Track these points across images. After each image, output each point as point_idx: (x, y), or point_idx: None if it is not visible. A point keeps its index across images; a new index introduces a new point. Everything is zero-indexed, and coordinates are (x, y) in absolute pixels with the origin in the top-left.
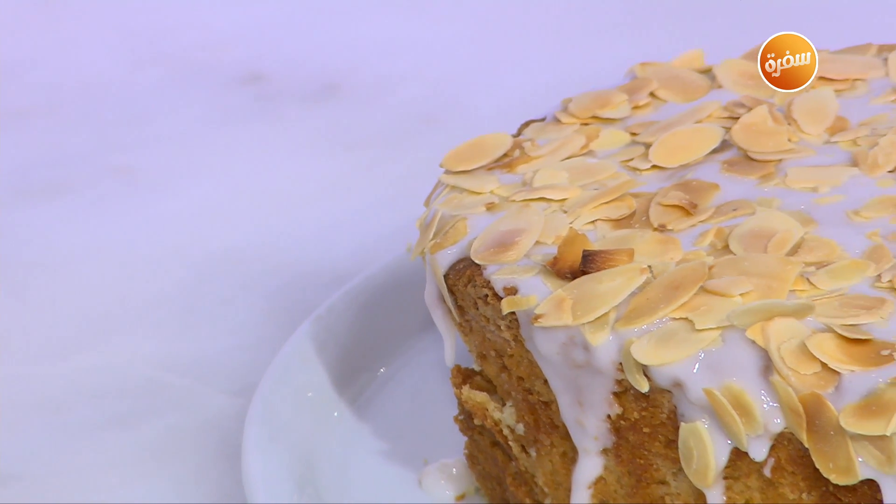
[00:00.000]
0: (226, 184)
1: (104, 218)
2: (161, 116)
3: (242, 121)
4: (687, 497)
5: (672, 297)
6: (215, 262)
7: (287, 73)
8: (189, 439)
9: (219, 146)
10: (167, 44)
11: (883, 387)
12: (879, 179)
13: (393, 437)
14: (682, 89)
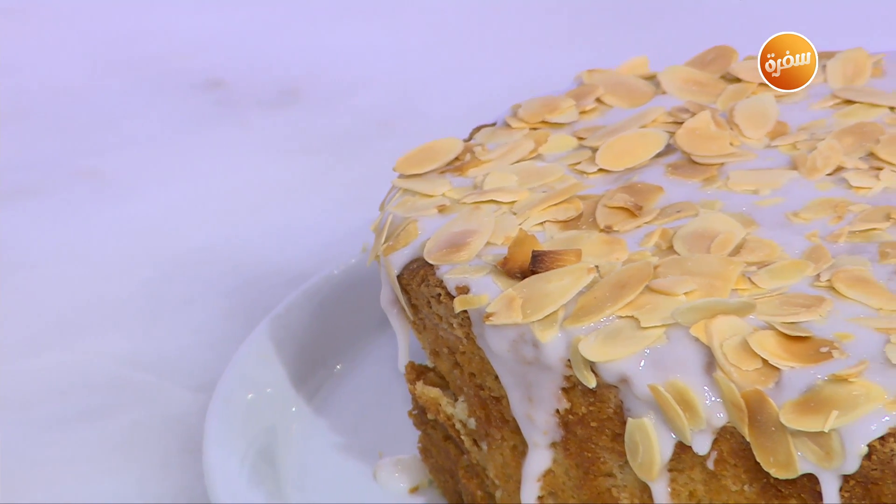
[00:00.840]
0: (189, 187)
1: (72, 220)
2: (127, 121)
3: (205, 126)
4: (633, 489)
5: (618, 295)
6: (178, 262)
7: (247, 80)
8: (153, 433)
9: (182, 150)
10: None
11: (821, 383)
12: (818, 182)
13: (349, 431)
14: (627, 95)
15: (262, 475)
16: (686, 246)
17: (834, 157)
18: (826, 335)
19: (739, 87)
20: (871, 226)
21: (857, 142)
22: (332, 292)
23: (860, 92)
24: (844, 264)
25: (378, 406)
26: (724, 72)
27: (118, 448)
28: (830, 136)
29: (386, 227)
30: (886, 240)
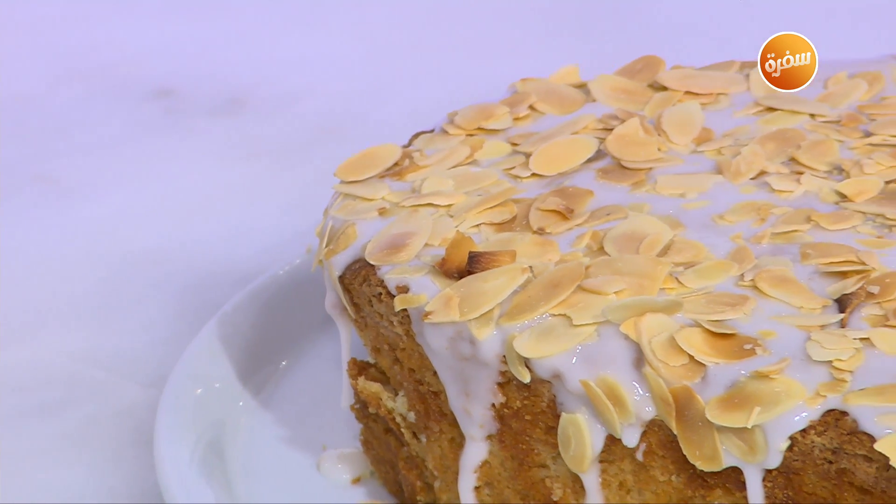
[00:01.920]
0: (140, 191)
1: (28, 223)
2: (81, 128)
3: (155, 133)
4: (565, 479)
5: (551, 294)
6: (130, 263)
7: (195, 88)
8: (106, 427)
9: (134, 156)
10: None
11: (744, 380)
12: (742, 186)
13: (294, 424)
14: (559, 103)
15: (210, 466)
16: (616, 247)
17: (757, 162)
18: (750, 333)
19: (666, 95)
20: (792, 228)
21: (779, 147)
22: (278, 292)
23: (782, 100)
24: (767, 265)
25: (322, 401)
26: (652, 80)
27: (73, 441)
28: (753, 141)
29: (328, 231)
30: (807, 241)
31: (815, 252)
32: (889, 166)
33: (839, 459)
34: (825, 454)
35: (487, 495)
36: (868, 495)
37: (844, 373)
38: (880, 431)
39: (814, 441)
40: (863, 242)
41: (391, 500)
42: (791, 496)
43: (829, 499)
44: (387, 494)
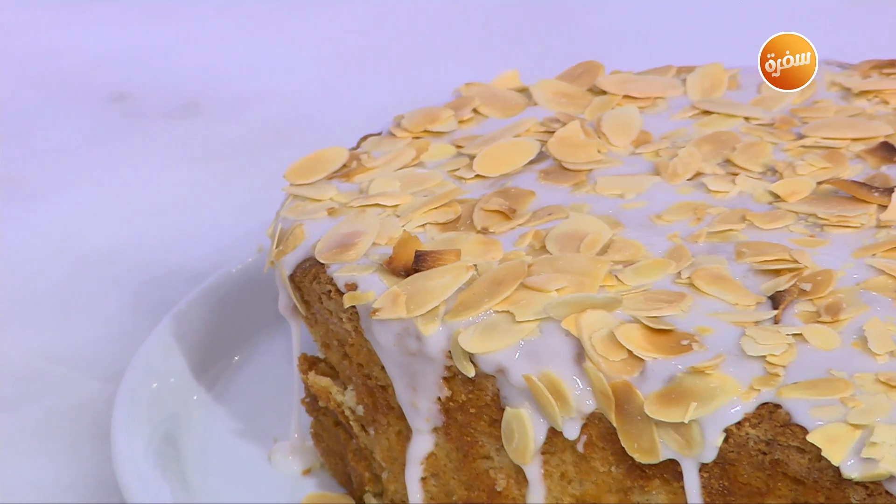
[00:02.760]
0: (98, 192)
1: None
2: (41, 132)
3: (112, 136)
4: (509, 470)
5: (495, 292)
6: (88, 262)
7: (151, 93)
8: (65, 420)
9: (92, 158)
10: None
11: (681, 375)
12: (679, 187)
13: (246, 417)
14: (501, 106)
15: (165, 458)
16: (557, 246)
17: (693, 164)
18: (687, 329)
19: (605, 98)
20: (727, 227)
21: (714, 149)
22: (231, 289)
23: (717, 103)
24: (703, 263)
25: (273, 394)
26: (591, 85)
27: (33, 434)
28: (690, 144)
29: (278, 232)
30: (742, 240)
31: (750, 251)
32: (821, 167)
33: (773, 451)
34: (759, 446)
35: (433, 486)
36: (800, 485)
37: (778, 367)
38: (812, 423)
39: (748, 433)
40: (796, 241)
41: (340, 490)
42: (726, 486)
43: (763, 489)
44: (336, 485)
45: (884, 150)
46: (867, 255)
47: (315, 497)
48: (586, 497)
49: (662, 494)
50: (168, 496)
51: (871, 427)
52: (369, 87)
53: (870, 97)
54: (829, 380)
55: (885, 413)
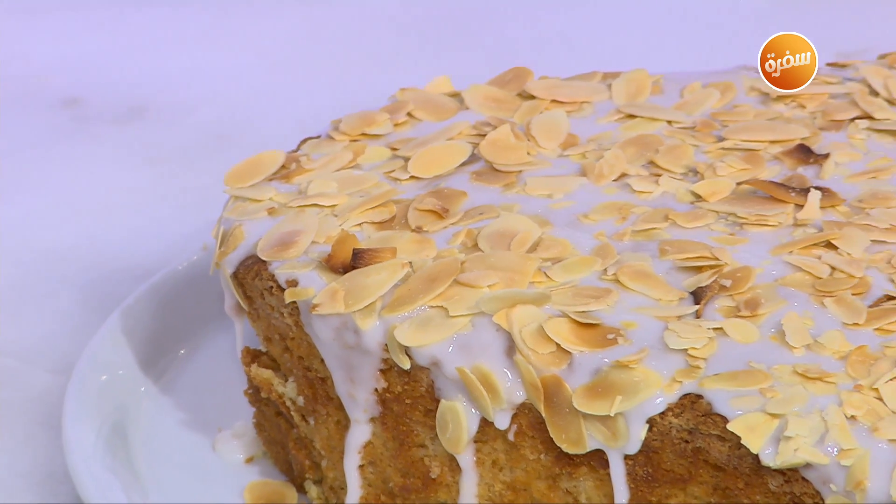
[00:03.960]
0: (49, 193)
1: None
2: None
3: (62, 139)
4: (443, 458)
5: (430, 288)
6: (40, 260)
7: (100, 98)
8: (17, 412)
9: (43, 161)
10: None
11: (607, 369)
12: (605, 187)
13: (192, 408)
14: (435, 110)
15: (114, 448)
16: (489, 244)
17: (618, 165)
18: (613, 323)
19: (534, 103)
20: (651, 226)
21: (638, 151)
22: (176, 285)
23: (641, 107)
24: (628, 260)
25: (217, 386)
26: (521, 90)
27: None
28: (615, 146)
29: (220, 233)
30: (665, 238)
31: (673, 248)
32: (740, 169)
33: (695, 439)
34: (682, 434)
35: (371, 473)
36: (721, 472)
37: (699, 360)
38: (732, 413)
39: (671, 422)
40: (716, 239)
41: (282, 478)
42: (651, 473)
43: (686, 475)
44: (278, 473)
45: (800, 152)
46: (784, 253)
47: (257, 484)
48: (516, 483)
49: (589, 481)
50: (117, 483)
51: (788, 417)
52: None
53: (787, 102)
54: (748, 371)
55: (801, 403)
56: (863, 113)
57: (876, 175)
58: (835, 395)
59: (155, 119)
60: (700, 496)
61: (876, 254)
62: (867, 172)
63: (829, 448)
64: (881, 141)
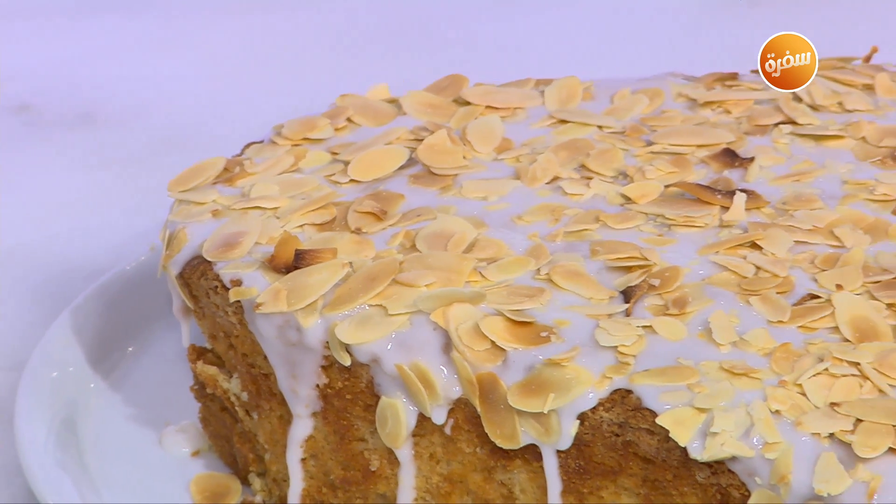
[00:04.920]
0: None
1: None
2: None
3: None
4: (382, 452)
5: (369, 287)
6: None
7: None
8: None
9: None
10: None
11: (540, 367)
12: (538, 190)
13: (140, 403)
14: (373, 116)
15: (65, 442)
16: (426, 245)
17: (551, 169)
18: (547, 321)
19: (469, 109)
20: (583, 227)
21: (570, 155)
22: (125, 285)
23: (573, 113)
24: (561, 260)
25: (164, 382)
26: (457, 96)
27: None
28: (548, 150)
29: (167, 236)
30: (596, 239)
31: (603, 249)
32: (668, 172)
33: (625, 432)
34: (613, 428)
35: (312, 466)
36: (650, 464)
37: (629, 357)
38: (661, 407)
39: (602, 416)
40: (645, 240)
41: (227, 471)
42: (582, 465)
43: (616, 467)
44: (223, 466)
45: (726, 156)
46: (711, 253)
47: (203, 477)
48: (453, 476)
49: (523, 473)
50: (67, 477)
51: (715, 411)
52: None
53: (714, 107)
54: (676, 367)
55: (728, 398)
56: (786, 118)
57: (799, 178)
58: (760, 391)
59: (104, 124)
60: (630, 487)
61: (799, 254)
62: (791, 175)
63: (754, 441)
64: (804, 145)
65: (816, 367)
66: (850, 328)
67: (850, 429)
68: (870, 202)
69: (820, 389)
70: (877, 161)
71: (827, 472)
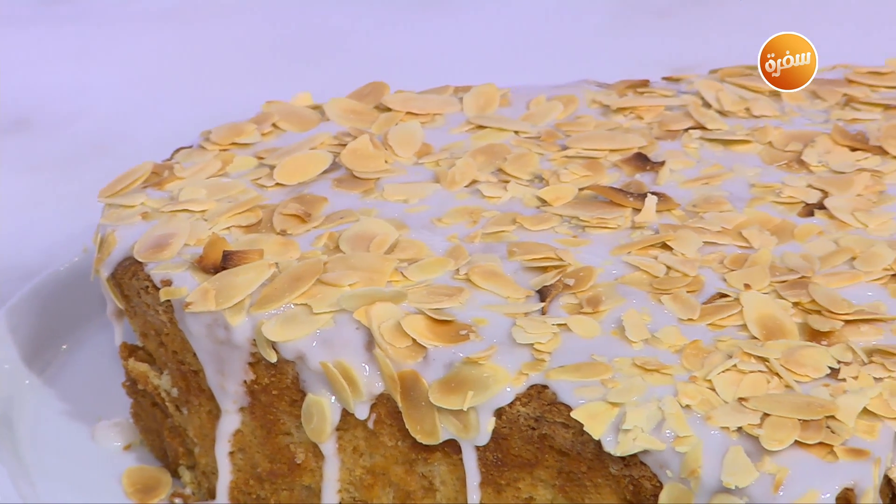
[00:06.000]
0: None
1: None
2: None
3: None
4: (307, 445)
5: (295, 287)
6: None
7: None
8: None
9: None
10: None
11: (459, 365)
12: (457, 193)
13: (73, 400)
14: (298, 122)
15: (1, 436)
16: (349, 246)
17: (469, 172)
18: (465, 319)
19: (390, 115)
20: (500, 229)
21: (488, 160)
22: (58, 286)
23: (490, 119)
24: (479, 260)
25: (97, 379)
26: (378, 103)
27: None
28: (466, 154)
29: (99, 239)
30: (513, 240)
31: (520, 250)
32: (582, 175)
33: (541, 426)
34: (529, 422)
35: (240, 459)
36: (566, 457)
37: (544, 353)
38: (576, 402)
39: (519, 411)
40: (560, 241)
41: (157, 464)
42: (500, 458)
43: (533, 460)
44: (154, 459)
45: (638, 160)
46: (623, 253)
47: (134, 470)
48: (376, 468)
49: (443, 465)
50: (3, 469)
51: (627, 405)
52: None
53: (626, 113)
54: (590, 364)
55: (640, 393)
56: (696, 123)
57: (708, 181)
58: (671, 386)
59: (38, 130)
60: (546, 479)
61: (708, 254)
62: (700, 179)
63: (666, 434)
64: (713, 149)
65: (725, 363)
66: (758, 326)
67: (757, 423)
68: (776, 204)
69: (729, 385)
70: (783, 165)
71: (735, 464)
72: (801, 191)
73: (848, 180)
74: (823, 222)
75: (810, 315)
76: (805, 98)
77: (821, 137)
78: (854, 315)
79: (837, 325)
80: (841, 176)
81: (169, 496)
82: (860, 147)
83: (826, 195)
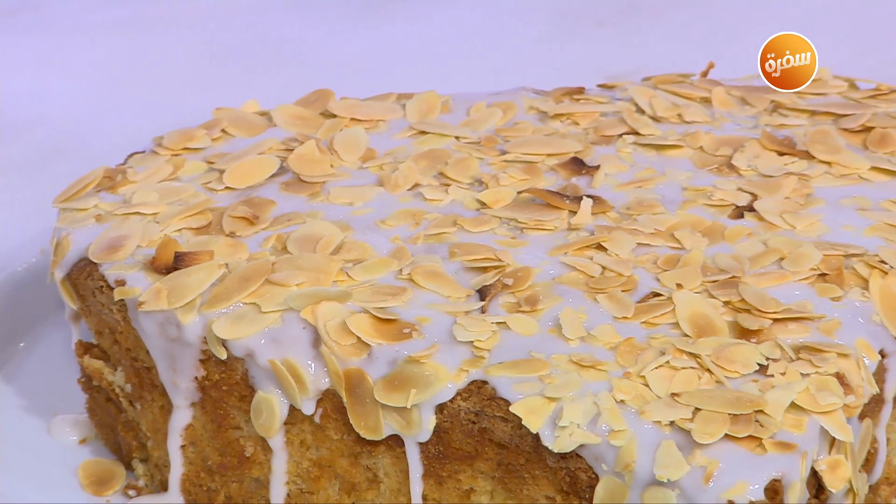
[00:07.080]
0: None
1: None
2: None
3: None
4: (256, 438)
5: (244, 286)
6: None
7: None
8: None
9: None
10: None
11: (402, 363)
12: (400, 196)
13: (30, 395)
14: (247, 127)
15: None
16: (296, 247)
17: (412, 176)
18: (409, 318)
19: (336, 121)
20: (441, 230)
21: (430, 164)
22: (16, 285)
23: (432, 125)
24: (422, 261)
25: (54, 376)
26: (324, 109)
27: None
28: (409, 159)
29: (54, 243)
30: (454, 241)
31: (461, 251)
32: (520, 179)
33: (481, 420)
34: (469, 416)
35: (191, 452)
36: (504, 449)
37: (484, 351)
38: (514, 397)
39: (460, 405)
40: (499, 242)
41: (112, 457)
42: (442, 451)
43: (473, 453)
44: (108, 453)
45: (574, 164)
46: (560, 254)
47: (89, 463)
48: (322, 461)
49: (387, 458)
50: None
51: (564, 400)
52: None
53: (563, 119)
54: (528, 360)
55: (576, 388)
56: (630, 129)
57: (641, 185)
58: (606, 382)
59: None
60: (486, 471)
61: (642, 255)
62: (634, 182)
63: (602, 428)
64: (646, 154)
65: (658, 359)
66: (690, 324)
67: (689, 417)
68: (708, 207)
69: (662, 380)
70: (714, 169)
71: (667, 458)
72: (731, 194)
73: (776, 184)
74: (753, 224)
75: (740, 314)
76: (735, 104)
77: (750, 142)
78: (782, 314)
79: (766, 323)
80: (769, 179)
81: (123, 488)
82: (788, 151)
83: (755, 198)
